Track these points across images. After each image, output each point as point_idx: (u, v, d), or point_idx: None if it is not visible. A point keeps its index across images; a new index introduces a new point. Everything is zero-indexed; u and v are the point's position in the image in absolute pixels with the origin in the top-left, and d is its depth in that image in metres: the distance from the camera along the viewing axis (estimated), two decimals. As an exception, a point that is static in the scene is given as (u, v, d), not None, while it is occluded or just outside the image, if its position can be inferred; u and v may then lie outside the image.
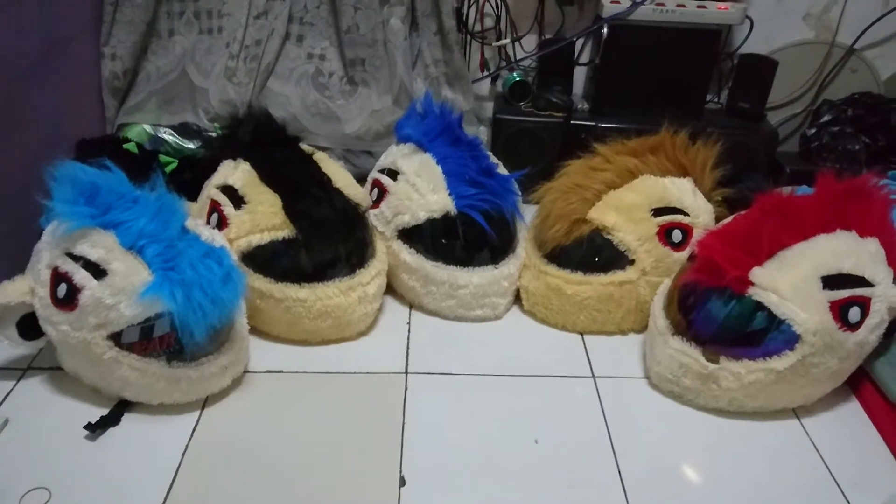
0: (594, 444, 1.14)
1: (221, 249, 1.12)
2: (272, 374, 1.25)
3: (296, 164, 1.32)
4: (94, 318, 1.05)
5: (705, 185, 1.41)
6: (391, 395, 1.21)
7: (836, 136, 1.81)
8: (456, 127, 1.41)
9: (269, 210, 1.25)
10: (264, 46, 1.74)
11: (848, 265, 1.13)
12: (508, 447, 1.12)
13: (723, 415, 1.20)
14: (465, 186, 1.33)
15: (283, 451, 1.09)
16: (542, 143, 1.75)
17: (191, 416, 1.15)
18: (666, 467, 1.11)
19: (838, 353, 1.13)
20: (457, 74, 1.81)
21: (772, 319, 1.13)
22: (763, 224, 1.15)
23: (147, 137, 1.69)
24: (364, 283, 1.29)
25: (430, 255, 1.35)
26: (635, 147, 1.41)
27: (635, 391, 1.26)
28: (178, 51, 1.76)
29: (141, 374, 1.10)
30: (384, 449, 1.10)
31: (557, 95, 1.76)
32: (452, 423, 1.16)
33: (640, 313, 1.36)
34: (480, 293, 1.36)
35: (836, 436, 1.18)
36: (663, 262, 1.33)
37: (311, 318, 1.26)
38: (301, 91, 1.77)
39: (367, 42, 1.75)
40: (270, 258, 1.25)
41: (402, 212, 1.36)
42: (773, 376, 1.13)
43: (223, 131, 1.41)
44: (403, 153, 1.43)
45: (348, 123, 1.77)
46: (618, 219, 1.32)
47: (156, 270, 1.05)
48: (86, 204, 1.08)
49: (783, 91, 1.90)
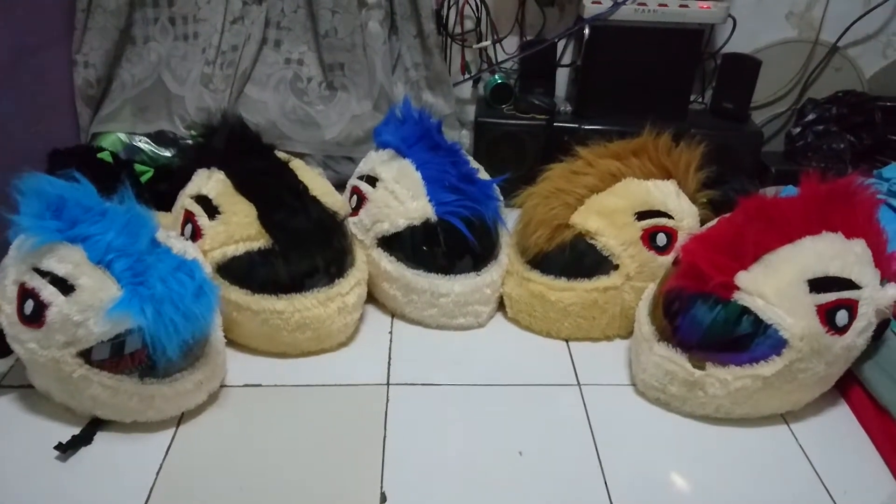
0: (580, 455, 1.11)
1: (193, 262, 1.09)
2: (250, 388, 1.22)
3: (271, 173, 1.28)
4: (63, 336, 1.02)
5: (689, 188, 1.39)
6: (372, 408, 1.18)
7: (821, 136, 1.80)
8: (435, 132, 1.38)
9: (245, 220, 1.22)
10: (241, 52, 1.71)
11: (834, 268, 1.11)
12: (493, 460, 1.10)
13: (710, 422, 1.18)
14: (446, 193, 1.30)
15: (261, 468, 1.06)
16: (524, 147, 1.72)
17: (165, 434, 1.11)
18: (653, 477, 1.08)
19: (826, 358, 1.11)
20: (437, 78, 1.78)
21: (758, 324, 1.11)
22: (747, 228, 1.13)
23: (122, 146, 1.65)
24: (343, 293, 1.26)
25: (411, 263, 1.33)
26: (617, 150, 1.38)
27: (621, 399, 1.23)
28: (152, 58, 1.72)
29: (113, 392, 1.06)
30: (364, 464, 1.08)
31: (540, 98, 1.73)
32: (435, 436, 1.14)
33: (625, 319, 1.34)
34: (463, 301, 1.33)
35: (826, 441, 1.16)
36: (648, 266, 1.31)
37: (290, 330, 1.23)
38: (279, 97, 1.74)
39: (346, 46, 1.72)
40: (246, 269, 1.22)
41: (381, 219, 1.34)
42: (760, 382, 1.11)
43: (197, 139, 1.38)
44: (382, 159, 1.40)
45: (328, 129, 1.74)
46: (601, 223, 1.30)
47: (125, 285, 1.02)
48: (53, 217, 1.05)
49: (767, 90, 1.88)
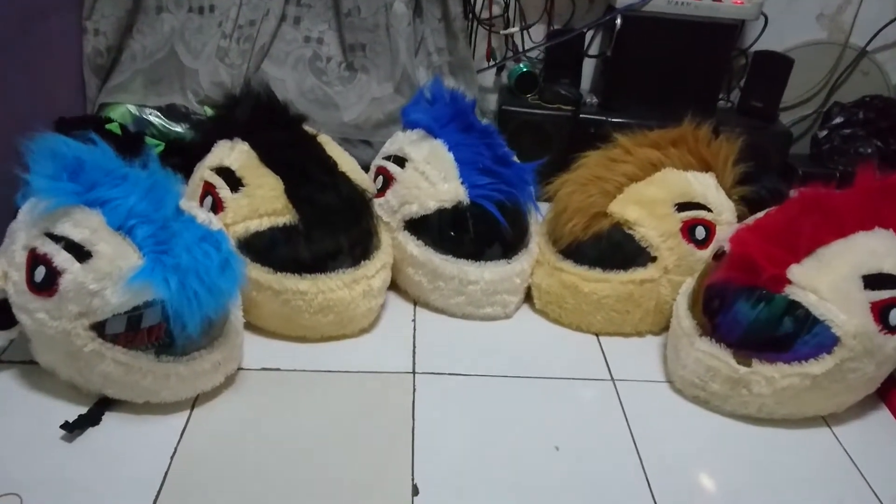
0: (619, 452, 1.06)
1: (219, 233, 1.02)
2: (268, 372, 1.15)
3: (299, 146, 1.22)
4: (76, 306, 0.95)
5: (726, 182, 1.34)
6: (398, 397, 1.12)
7: (848, 139, 1.77)
8: (469, 112, 1.32)
9: (270, 194, 1.16)
10: (259, 27, 1.64)
11: (888, 265, 1.07)
12: (528, 454, 1.04)
13: (750, 422, 1.13)
14: (479, 175, 1.25)
15: (280, 456, 1.00)
16: (548, 137, 1.68)
17: (180, 417, 1.04)
18: (696, 477, 1.03)
19: (877, 358, 1.07)
20: (461, 64, 1.73)
21: (801, 324, 1.06)
22: (802, 220, 1.08)
23: (131, 119, 1.58)
24: (369, 275, 1.20)
25: (439, 248, 1.27)
26: (656, 139, 1.34)
27: (657, 396, 1.18)
28: (165, 29, 1.66)
29: (126, 370, 0.99)
30: (393, 455, 1.01)
31: (566, 88, 1.69)
32: (466, 427, 1.07)
33: (658, 314, 1.29)
34: (491, 290, 1.27)
35: (871, 445, 1.12)
36: (686, 260, 1.26)
37: (312, 312, 1.17)
38: (297, 75, 1.68)
39: (369, 26, 1.66)
40: (269, 246, 1.15)
41: (409, 201, 1.27)
42: (809, 381, 1.06)
43: (217, 111, 1.31)
44: (411, 139, 1.34)
45: (346, 111, 1.68)
46: (640, 213, 1.25)
47: (147, 254, 0.95)
48: (69, 180, 0.98)
49: (794, 92, 1.85)
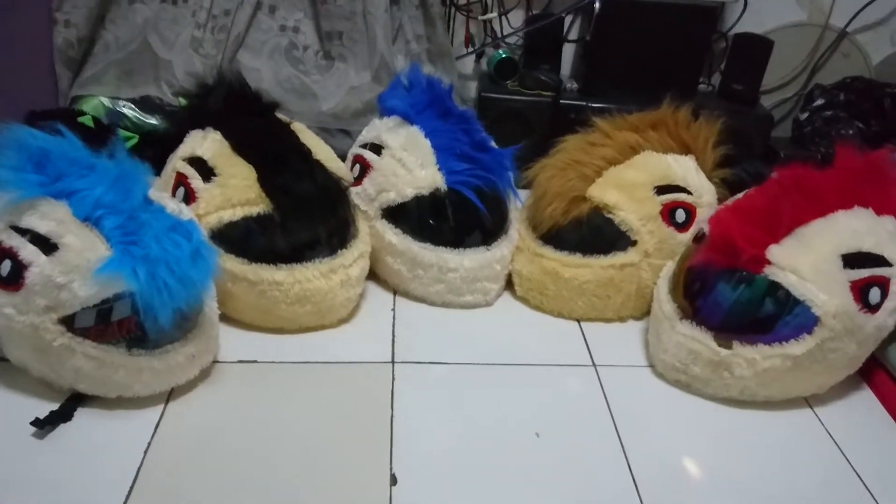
0: (600, 437, 1.05)
1: (190, 223, 1.00)
2: (245, 365, 1.13)
3: (272, 135, 1.20)
4: (43, 300, 0.92)
5: (707, 164, 1.34)
6: (377, 387, 1.10)
7: (829, 121, 1.76)
8: (446, 98, 1.31)
9: (243, 183, 1.14)
10: (234, 16, 1.62)
11: (868, 244, 1.06)
12: (508, 441, 1.03)
13: (732, 405, 1.13)
14: (457, 161, 1.23)
15: (257, 449, 0.98)
16: (529, 124, 1.66)
17: (153, 411, 1.02)
18: (677, 460, 1.02)
19: (857, 338, 1.06)
20: (440, 51, 1.71)
21: (782, 305, 1.06)
22: (781, 200, 1.08)
23: (104, 111, 1.55)
24: (346, 265, 1.18)
25: (418, 237, 1.25)
26: (636, 122, 1.32)
27: (639, 380, 1.17)
28: (138, 20, 1.63)
29: (97, 364, 0.97)
30: (372, 445, 1.00)
31: (546, 74, 1.67)
32: (446, 416, 1.06)
33: (640, 299, 1.28)
34: (471, 277, 1.26)
35: (853, 426, 1.11)
36: (666, 243, 1.25)
37: (289, 302, 1.15)
38: (274, 65, 1.65)
39: (345, 14, 1.63)
40: (243, 237, 1.13)
41: (387, 189, 1.26)
42: (790, 362, 1.06)
43: (190, 100, 1.28)
44: (388, 126, 1.33)
45: (324, 100, 1.65)
46: (619, 197, 1.23)
47: (115, 245, 0.93)
48: (34, 171, 0.95)
49: (775, 74, 1.84)
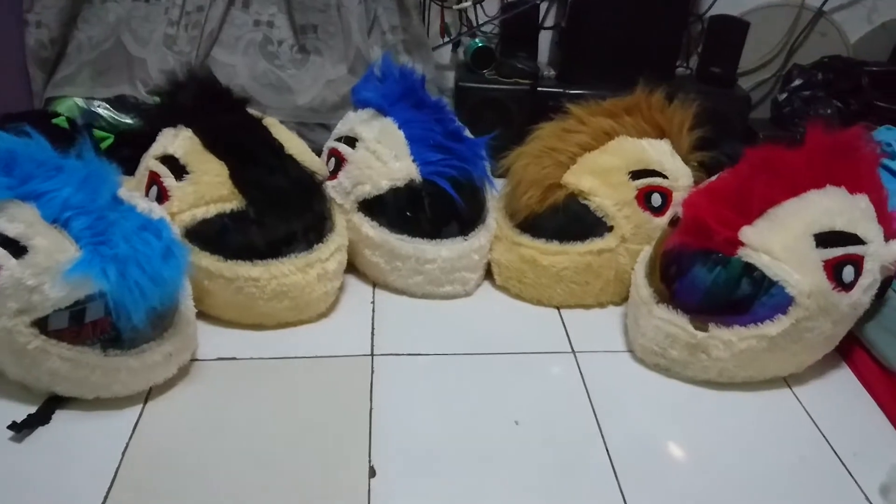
0: (579, 423, 1.05)
1: (160, 221, 1.00)
2: (224, 362, 1.13)
3: (244, 130, 1.19)
4: (15, 303, 0.92)
5: (682, 148, 1.33)
6: (356, 380, 1.10)
7: (808, 101, 1.76)
8: (419, 89, 1.30)
9: (215, 180, 1.13)
10: (207, 13, 1.61)
11: (841, 222, 1.07)
12: (487, 430, 1.03)
13: (711, 387, 1.13)
14: (431, 152, 1.23)
15: (237, 445, 0.98)
16: (507, 112, 1.66)
17: (132, 411, 1.02)
18: (656, 444, 1.03)
19: (833, 316, 1.07)
20: (416, 41, 1.70)
21: (758, 286, 1.06)
22: (752, 181, 1.08)
23: (79, 112, 1.54)
24: (323, 258, 1.18)
25: (395, 229, 1.25)
26: (610, 108, 1.32)
27: (619, 365, 1.18)
28: (111, 18, 1.62)
29: (73, 366, 0.97)
30: (351, 438, 1.00)
31: (523, 62, 1.67)
32: (424, 407, 1.06)
33: (619, 284, 1.28)
34: (449, 268, 1.26)
35: (830, 404, 1.12)
36: (643, 228, 1.25)
37: (266, 298, 1.15)
38: (249, 60, 1.65)
39: (319, 7, 1.63)
40: (218, 234, 1.13)
41: (362, 181, 1.25)
42: (766, 343, 1.06)
43: (161, 98, 1.28)
44: (362, 119, 1.32)
45: (301, 94, 1.65)
46: (594, 183, 1.24)
47: (84, 246, 0.93)
48: (1, 174, 0.95)
49: (753, 55, 1.84)
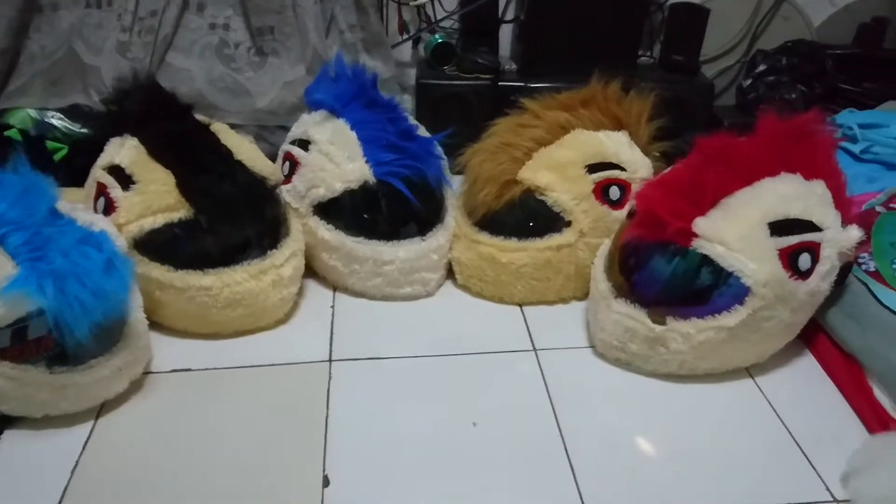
0: (538, 422, 1.04)
1: (101, 233, 0.97)
2: (179, 374, 1.11)
3: (190, 137, 1.17)
4: (-47, 323, 0.90)
5: (641, 139, 1.32)
6: (313, 387, 1.09)
7: (773, 87, 1.75)
8: (370, 88, 1.28)
9: (162, 189, 1.11)
10: (161, 17, 1.58)
11: (795, 209, 1.05)
12: (444, 434, 1.01)
13: (674, 380, 1.12)
14: (384, 152, 1.21)
15: (191, 458, 0.96)
16: (470, 108, 1.64)
17: (83, 428, 1.00)
18: (617, 440, 1.01)
19: (791, 305, 1.06)
20: (375, 40, 1.68)
21: (718, 275, 1.05)
22: (705, 171, 1.06)
23: (32, 123, 1.51)
24: (277, 265, 1.16)
25: (351, 231, 1.23)
26: (566, 101, 1.31)
27: (580, 362, 1.16)
28: (63, 26, 1.58)
29: (18, 385, 0.95)
30: (306, 447, 0.98)
31: (483, 56, 1.65)
32: (382, 413, 1.05)
33: (580, 279, 1.27)
34: (408, 269, 1.24)
35: (793, 393, 1.11)
36: (602, 221, 1.24)
37: (220, 307, 1.13)
38: (205, 64, 1.62)
39: (275, 8, 1.60)
40: (168, 243, 1.11)
41: (316, 184, 1.24)
42: (725, 334, 1.05)
43: (107, 106, 1.25)
44: (315, 121, 1.30)
45: (259, 97, 1.62)
46: (551, 177, 1.22)
47: (21, 262, 0.90)
48: (-67, 192, 0.93)
49: (716, 43, 1.83)
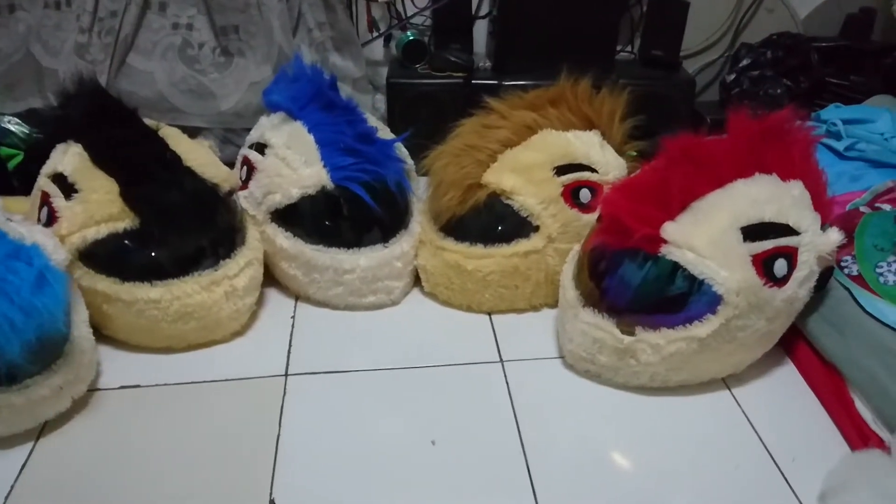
0: (499, 439, 0.99)
1: (33, 247, 0.92)
2: (126, 391, 1.06)
3: (135, 143, 1.12)
4: None
5: (615, 138, 1.27)
6: (266, 404, 1.04)
7: (757, 81, 1.70)
8: (328, 89, 1.23)
9: (105, 198, 1.06)
10: (121, 18, 1.53)
11: (769, 213, 1.00)
12: (401, 452, 0.96)
13: (645, 392, 1.07)
14: (342, 156, 1.16)
15: (133, 481, 0.91)
16: (442, 108, 1.58)
17: (20, 450, 0.95)
18: (583, 457, 0.96)
19: (766, 313, 1.00)
20: (344, 38, 1.63)
21: (692, 281, 0.99)
22: (672, 173, 1.01)
23: (-13, 128, 1.47)
24: (231, 275, 1.11)
25: (311, 239, 1.18)
26: (533, 100, 1.25)
27: (549, 373, 1.11)
28: (20, 29, 1.54)
29: (-51, 408, 0.90)
30: (253, 468, 0.93)
31: (456, 54, 1.60)
32: (336, 431, 1.00)
33: (551, 286, 1.21)
34: (371, 277, 1.19)
35: (771, 405, 1.06)
36: (571, 226, 1.19)
37: (170, 321, 1.08)
38: (167, 66, 1.57)
39: (239, 7, 1.55)
40: (113, 255, 1.06)
41: (272, 191, 1.18)
42: (696, 345, 1.00)
43: (53, 111, 1.20)
44: (273, 123, 1.25)
45: (224, 99, 1.57)
46: (517, 181, 1.17)
47: (-55, 280, 0.86)
48: None
49: (700, 36, 1.77)
